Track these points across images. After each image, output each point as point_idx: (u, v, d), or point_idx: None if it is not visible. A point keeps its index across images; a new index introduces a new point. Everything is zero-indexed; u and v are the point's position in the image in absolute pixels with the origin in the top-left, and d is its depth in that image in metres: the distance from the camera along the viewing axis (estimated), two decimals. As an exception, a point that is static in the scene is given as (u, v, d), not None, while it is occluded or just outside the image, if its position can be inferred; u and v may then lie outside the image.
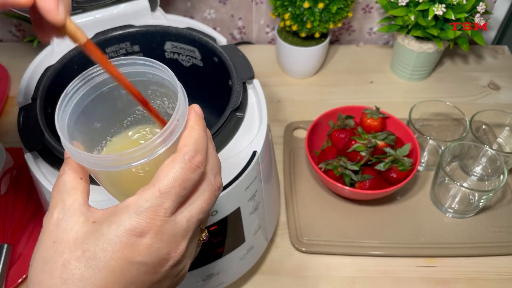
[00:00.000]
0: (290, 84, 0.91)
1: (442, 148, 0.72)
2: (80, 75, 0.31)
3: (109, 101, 0.33)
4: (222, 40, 0.63)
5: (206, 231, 0.33)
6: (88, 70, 0.31)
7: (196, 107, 0.31)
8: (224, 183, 0.48)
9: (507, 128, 0.77)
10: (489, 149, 0.69)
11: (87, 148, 0.32)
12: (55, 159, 0.49)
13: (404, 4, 0.80)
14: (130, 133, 0.35)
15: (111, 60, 0.30)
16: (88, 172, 0.31)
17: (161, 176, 0.28)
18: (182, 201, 0.29)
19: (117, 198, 0.33)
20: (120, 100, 0.34)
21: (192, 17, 0.96)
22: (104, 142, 0.35)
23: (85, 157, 0.28)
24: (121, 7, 0.64)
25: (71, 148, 0.28)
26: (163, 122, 0.32)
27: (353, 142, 0.67)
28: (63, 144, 0.28)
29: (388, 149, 0.67)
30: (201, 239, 0.33)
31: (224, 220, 0.51)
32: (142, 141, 0.32)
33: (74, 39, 0.29)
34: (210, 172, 0.31)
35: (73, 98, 0.30)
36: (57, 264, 0.26)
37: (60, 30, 0.29)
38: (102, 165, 0.28)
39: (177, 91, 0.29)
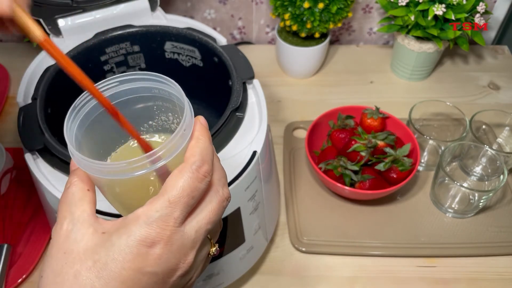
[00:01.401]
0: (290, 84, 0.91)
1: (442, 148, 0.72)
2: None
3: None
4: (222, 40, 0.63)
5: (216, 246, 0.33)
6: (95, 84, 0.31)
7: (201, 118, 0.31)
8: (224, 183, 0.48)
9: (507, 128, 0.77)
10: (489, 149, 0.69)
11: None
12: (55, 159, 0.49)
13: (404, 4, 0.80)
14: (135, 147, 0.35)
15: (120, 75, 0.30)
16: (94, 183, 0.31)
17: (169, 186, 0.28)
18: (190, 211, 0.29)
19: (121, 212, 0.33)
20: (126, 116, 0.34)
21: (192, 17, 0.96)
22: (108, 158, 0.35)
23: (92, 165, 0.28)
24: (121, 7, 0.64)
25: (78, 155, 0.28)
26: (137, 138, 0.31)
27: (353, 142, 0.67)
28: (70, 152, 0.29)
29: (388, 149, 0.67)
30: (211, 254, 0.33)
31: (224, 220, 0.51)
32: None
33: (28, 35, 0.26)
34: (218, 182, 0.31)
35: (81, 112, 0.30)
36: (68, 276, 0.26)
37: (13, 23, 0.26)
38: (109, 173, 0.28)
39: (183, 105, 0.30)
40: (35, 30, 0.26)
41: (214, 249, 0.33)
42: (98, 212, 0.44)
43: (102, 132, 0.33)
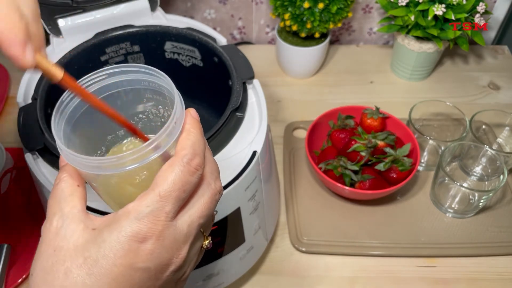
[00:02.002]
0: (290, 84, 0.91)
1: (442, 148, 0.72)
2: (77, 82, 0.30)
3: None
4: (222, 40, 0.63)
5: (209, 239, 0.33)
6: (83, 78, 0.30)
7: (192, 111, 0.31)
8: (224, 183, 0.48)
9: (507, 128, 0.77)
10: (489, 149, 0.69)
11: None
12: (55, 159, 0.49)
13: (404, 4, 0.80)
14: (124, 142, 0.35)
15: (109, 67, 0.30)
16: (84, 179, 0.30)
17: (160, 180, 0.27)
18: (182, 204, 0.28)
19: (112, 207, 0.33)
20: (115, 109, 0.33)
21: (192, 17, 0.96)
22: (98, 152, 0.34)
23: (81, 160, 0.27)
24: (121, 7, 0.64)
25: (67, 151, 0.27)
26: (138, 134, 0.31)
27: (353, 142, 0.67)
28: (59, 148, 0.28)
29: (388, 149, 0.67)
30: (205, 247, 0.33)
31: (224, 220, 0.51)
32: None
33: (48, 76, 0.27)
34: (210, 176, 0.30)
35: (69, 107, 0.30)
36: (58, 273, 0.26)
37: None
38: (99, 168, 0.27)
39: (173, 97, 0.29)
40: (55, 72, 0.27)
41: (207, 242, 0.32)
42: (91, 209, 0.44)
43: (91, 126, 0.32)
